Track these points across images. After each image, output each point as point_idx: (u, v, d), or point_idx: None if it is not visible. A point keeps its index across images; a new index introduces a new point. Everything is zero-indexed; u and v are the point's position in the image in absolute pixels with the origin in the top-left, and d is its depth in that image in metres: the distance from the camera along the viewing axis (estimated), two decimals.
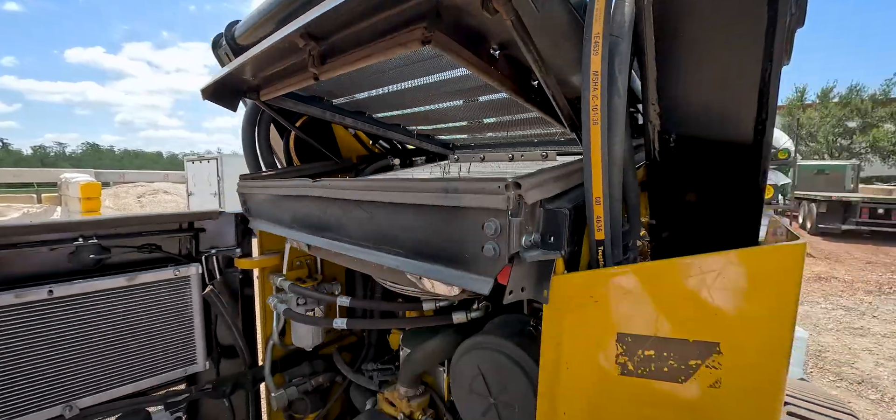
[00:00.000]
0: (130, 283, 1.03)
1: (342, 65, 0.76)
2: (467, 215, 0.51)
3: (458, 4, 0.48)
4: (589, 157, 0.46)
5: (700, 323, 0.43)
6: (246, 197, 1.12)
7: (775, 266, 0.40)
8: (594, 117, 0.45)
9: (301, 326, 1.23)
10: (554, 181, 0.53)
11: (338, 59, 0.75)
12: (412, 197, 0.58)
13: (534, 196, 0.48)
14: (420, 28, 0.55)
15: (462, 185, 0.50)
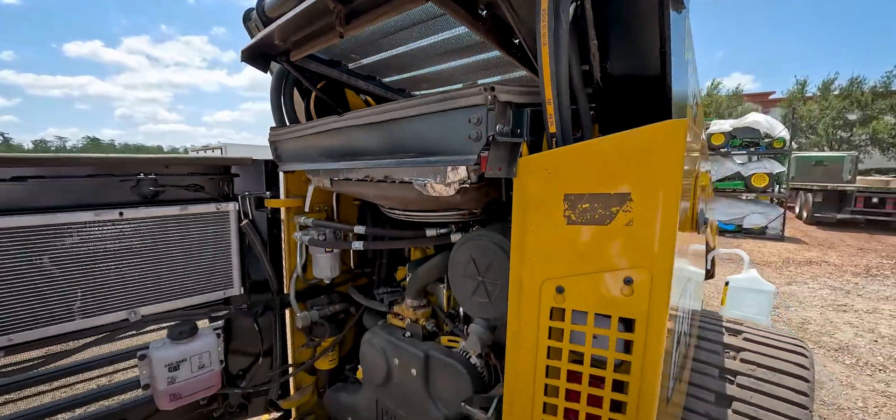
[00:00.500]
0: (182, 212, 1.23)
1: (364, 23, 0.95)
2: (458, 114, 0.72)
3: None
4: (541, 71, 0.66)
5: (618, 179, 0.63)
6: (276, 144, 1.32)
7: (664, 136, 0.59)
8: (543, 42, 0.65)
9: (321, 260, 1.44)
10: (520, 93, 0.73)
11: (361, 18, 0.95)
12: (419, 108, 0.79)
13: (504, 97, 0.69)
14: None
15: (454, 93, 0.70)
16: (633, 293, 0.64)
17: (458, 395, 1.03)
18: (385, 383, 1.23)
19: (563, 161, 0.67)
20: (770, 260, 7.51)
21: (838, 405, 2.87)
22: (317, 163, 1.14)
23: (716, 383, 1.40)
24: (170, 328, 1.24)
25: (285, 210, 1.44)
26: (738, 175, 10.32)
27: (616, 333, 0.66)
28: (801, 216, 13.78)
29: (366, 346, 1.27)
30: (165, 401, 1.20)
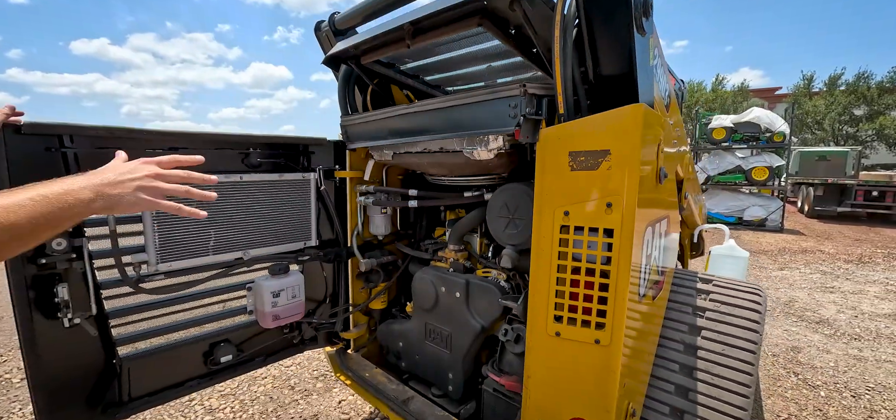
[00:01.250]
0: (279, 178, 1.64)
1: (426, 39, 1.34)
2: (501, 103, 1.11)
3: (497, 6, 1.07)
4: (555, 72, 1.04)
5: (601, 141, 1.01)
6: (346, 128, 1.72)
7: (628, 114, 0.97)
8: (556, 53, 1.03)
9: (377, 219, 1.84)
10: (541, 88, 1.12)
11: (424, 36, 1.34)
12: (474, 98, 1.18)
13: (532, 90, 1.08)
14: (477, 17, 1.13)
15: (498, 86, 1.08)
16: (612, 212, 1.03)
17: (491, 309, 1.43)
18: (433, 308, 1.63)
19: (568, 131, 1.06)
20: (766, 249, 7.81)
21: (813, 366, 3.24)
22: (384, 140, 1.54)
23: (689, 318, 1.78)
24: (270, 267, 1.64)
25: (350, 180, 1.84)
26: (739, 169, 10.59)
27: (602, 239, 1.05)
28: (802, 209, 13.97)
29: (418, 281, 1.67)
30: (269, 320, 1.60)
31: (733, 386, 1.57)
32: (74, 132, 1.21)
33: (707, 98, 25.12)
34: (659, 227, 1.38)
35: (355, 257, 1.88)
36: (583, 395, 1.15)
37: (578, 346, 1.13)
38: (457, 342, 1.58)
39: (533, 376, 1.22)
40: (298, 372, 2.99)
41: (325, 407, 2.56)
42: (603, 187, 1.04)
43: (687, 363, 1.64)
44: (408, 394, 1.59)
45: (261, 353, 1.77)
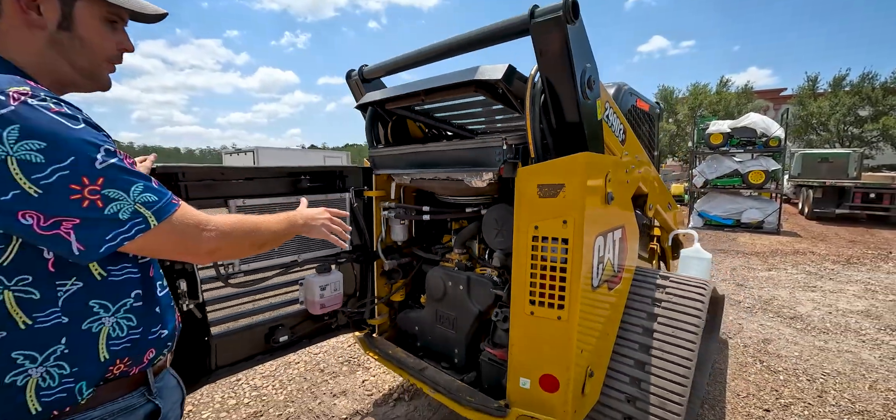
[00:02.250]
0: (323, 199, 2.12)
1: (436, 97, 1.82)
2: (491, 149, 1.59)
3: (490, 80, 1.54)
4: (527, 125, 1.51)
5: (559, 177, 1.46)
6: (373, 157, 2.20)
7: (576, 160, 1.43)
8: (527, 111, 1.50)
9: (396, 228, 2.32)
10: (517, 139, 1.59)
11: (435, 94, 1.81)
12: (471, 145, 1.66)
13: (510, 141, 1.55)
14: (473, 87, 1.61)
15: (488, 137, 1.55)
16: (567, 227, 1.49)
17: (486, 297, 1.89)
18: (442, 298, 2.10)
19: (536, 170, 1.52)
20: (759, 251, 8.13)
21: (779, 355, 3.64)
22: (402, 170, 2.02)
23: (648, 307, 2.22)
24: (317, 266, 2.12)
25: (375, 198, 2.33)
26: (737, 172, 10.88)
27: (560, 245, 1.51)
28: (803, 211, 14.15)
29: (430, 277, 2.14)
30: (317, 308, 2.08)
31: (678, 359, 2.01)
32: (185, 171, 1.70)
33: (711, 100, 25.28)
34: (612, 235, 1.84)
35: (380, 259, 2.36)
36: (550, 357, 1.61)
37: (546, 322, 1.59)
38: (460, 324, 2.05)
39: (516, 344, 1.68)
40: (325, 358, 3.47)
41: (351, 385, 3.04)
42: (560, 209, 1.50)
43: (643, 342, 2.09)
44: (423, 365, 2.06)
45: (307, 335, 2.25)
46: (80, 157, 0.66)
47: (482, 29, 1.59)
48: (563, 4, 1.33)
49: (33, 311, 0.69)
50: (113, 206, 0.68)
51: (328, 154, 17.54)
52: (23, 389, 0.68)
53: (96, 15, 0.80)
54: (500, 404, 1.70)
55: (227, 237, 0.83)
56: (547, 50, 1.43)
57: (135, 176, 0.72)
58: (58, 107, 0.67)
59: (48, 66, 0.78)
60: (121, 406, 0.79)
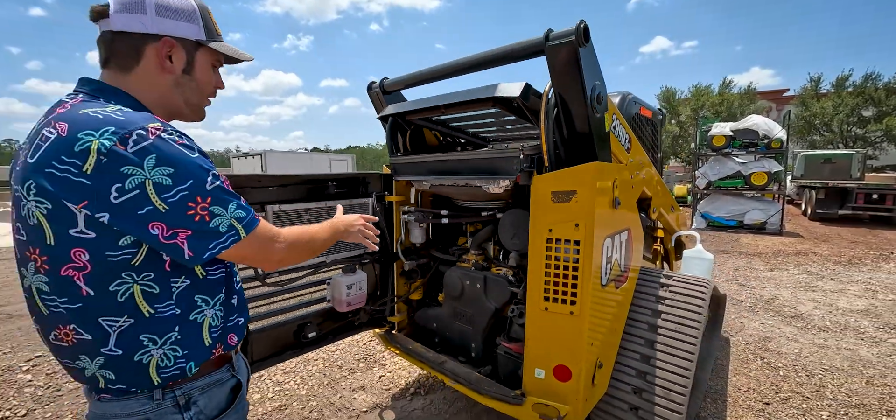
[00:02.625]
0: (349, 203, 2.28)
1: (455, 110, 1.97)
2: (509, 159, 1.73)
3: (508, 97, 1.69)
4: (541, 136, 1.66)
5: (571, 185, 1.61)
6: (395, 164, 2.36)
7: (587, 169, 1.58)
8: (542, 123, 1.65)
9: (415, 231, 2.47)
10: (533, 149, 1.74)
11: (453, 108, 1.96)
12: (491, 154, 1.80)
13: (527, 152, 1.70)
14: (491, 102, 1.76)
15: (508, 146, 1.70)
16: (578, 230, 1.64)
17: (502, 295, 2.04)
18: (459, 296, 2.25)
19: (550, 178, 1.67)
20: (762, 251, 8.23)
21: (779, 352, 3.77)
22: (422, 176, 2.17)
23: (652, 304, 2.36)
24: (343, 267, 2.27)
25: (396, 202, 2.48)
26: (739, 174, 10.97)
27: (572, 247, 1.66)
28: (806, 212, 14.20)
29: (448, 277, 2.30)
30: (343, 306, 2.23)
31: (681, 353, 2.15)
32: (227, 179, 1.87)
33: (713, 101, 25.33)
34: (619, 237, 1.98)
35: (400, 260, 2.51)
36: (563, 349, 1.76)
37: (559, 317, 1.74)
38: (477, 320, 2.20)
39: (531, 338, 1.83)
40: (342, 356, 3.63)
41: (368, 380, 3.19)
42: (572, 214, 1.65)
43: (648, 338, 2.23)
44: (442, 359, 2.21)
45: (332, 332, 2.40)
46: (196, 180, 0.80)
47: (500, 48, 1.74)
48: (577, 30, 1.48)
49: (154, 303, 0.84)
50: (216, 220, 0.83)
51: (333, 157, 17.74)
52: (147, 366, 0.84)
53: (208, 61, 0.99)
54: (516, 393, 1.84)
55: (292, 248, 0.98)
56: (560, 69, 1.59)
57: (231, 195, 0.86)
58: (181, 139, 0.82)
59: (166, 102, 0.95)
60: (216, 379, 0.96)
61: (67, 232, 0.76)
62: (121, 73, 0.89)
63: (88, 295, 0.79)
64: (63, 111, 0.80)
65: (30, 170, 0.75)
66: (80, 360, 0.84)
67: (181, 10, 0.91)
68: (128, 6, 0.86)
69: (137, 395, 0.86)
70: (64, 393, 3.20)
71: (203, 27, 0.95)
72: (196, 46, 0.95)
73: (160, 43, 0.89)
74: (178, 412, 0.88)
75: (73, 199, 0.74)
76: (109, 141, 0.73)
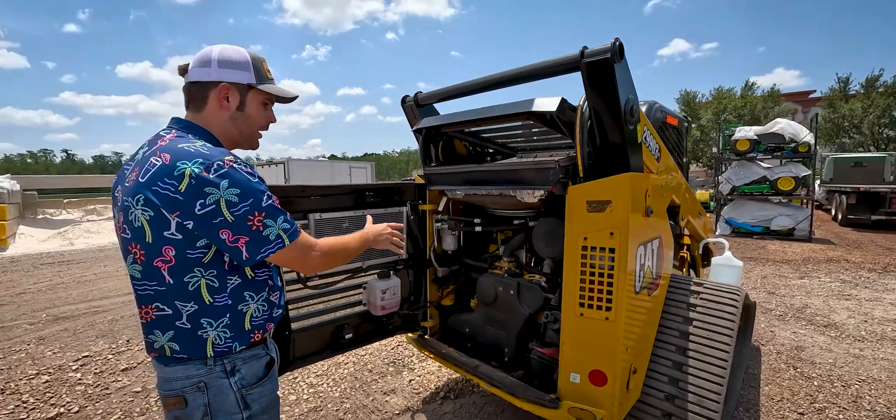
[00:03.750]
0: (384, 212, 2.38)
1: (488, 123, 2.06)
2: (545, 170, 1.81)
3: (543, 112, 1.77)
4: (576, 147, 1.72)
5: (606, 195, 1.66)
6: (429, 174, 2.46)
7: (620, 179, 1.64)
8: (577, 135, 1.71)
9: (447, 238, 2.56)
10: (567, 160, 1.80)
11: (486, 121, 2.05)
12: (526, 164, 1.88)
13: (562, 163, 1.77)
14: (526, 114, 1.84)
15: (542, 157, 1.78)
16: (613, 238, 1.69)
17: (536, 301, 2.10)
18: (493, 302, 2.32)
19: (585, 188, 1.73)
20: (791, 259, 8.02)
21: (813, 362, 3.69)
22: (459, 186, 2.26)
23: (683, 311, 2.38)
24: (379, 272, 2.37)
25: (429, 210, 2.58)
26: (765, 179, 10.72)
27: (607, 254, 1.71)
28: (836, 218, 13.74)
29: (482, 283, 2.37)
30: (378, 310, 2.33)
31: (715, 360, 2.16)
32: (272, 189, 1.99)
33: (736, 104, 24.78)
34: (651, 245, 2.02)
35: (432, 266, 2.60)
36: (598, 354, 1.80)
37: (595, 322, 1.79)
38: (510, 325, 2.26)
39: (566, 343, 1.88)
40: (372, 360, 3.73)
41: (399, 384, 3.28)
42: (607, 222, 1.71)
43: (680, 345, 2.25)
44: (476, 363, 2.27)
45: (367, 334, 2.50)
46: (255, 199, 1.04)
47: (535, 64, 1.82)
48: (612, 47, 1.55)
49: (214, 294, 1.07)
50: (267, 230, 1.06)
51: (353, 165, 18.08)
52: (205, 341, 1.07)
53: (258, 100, 1.22)
54: (552, 397, 1.90)
55: (326, 256, 1.20)
56: (596, 85, 1.65)
57: (280, 212, 1.09)
58: (246, 168, 1.05)
59: (227, 134, 1.20)
60: (255, 353, 1.18)
61: (162, 233, 1.00)
62: (196, 112, 1.16)
63: (169, 282, 1.03)
64: (163, 144, 1.05)
65: (140, 186, 1.00)
66: (154, 334, 1.07)
67: (237, 61, 1.16)
68: (200, 62, 1.14)
69: (194, 362, 1.08)
70: (112, 392, 3.39)
71: (254, 73, 1.19)
72: (247, 88, 1.19)
73: (219, 88, 1.14)
74: (226, 377, 1.10)
75: (169, 209, 0.99)
76: (198, 168, 0.98)
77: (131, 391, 3.36)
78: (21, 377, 3.62)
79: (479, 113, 2.00)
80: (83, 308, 5.52)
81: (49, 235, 11.29)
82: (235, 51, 1.17)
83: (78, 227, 12.02)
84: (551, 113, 1.75)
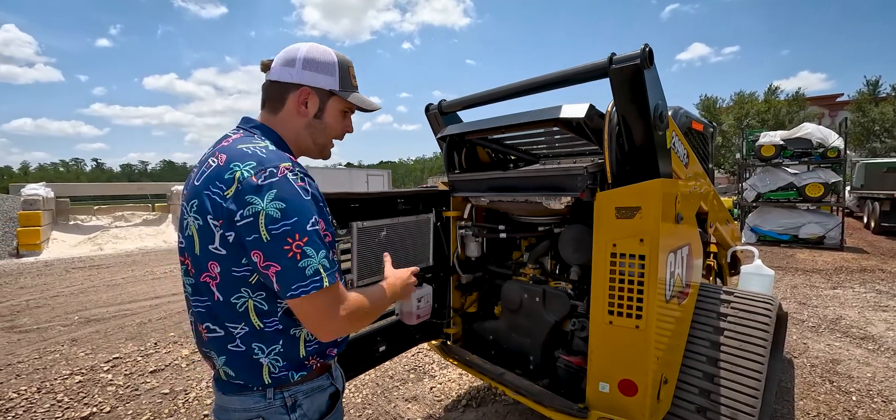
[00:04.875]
0: (415, 219, 2.40)
1: (513, 129, 2.06)
2: (573, 176, 1.80)
3: (570, 118, 1.77)
4: (605, 153, 1.72)
5: (635, 201, 1.65)
6: (453, 181, 2.47)
7: (650, 185, 1.62)
8: (606, 141, 1.71)
9: (471, 245, 2.56)
10: (595, 167, 1.80)
11: (511, 128, 2.06)
12: (554, 170, 1.88)
13: (591, 170, 1.76)
14: (553, 121, 1.84)
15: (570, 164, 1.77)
16: (643, 245, 1.67)
17: (562, 308, 2.09)
18: (518, 309, 2.31)
19: (614, 194, 1.72)
20: (822, 268, 7.73)
21: (850, 376, 3.54)
22: (485, 192, 2.27)
23: (713, 321, 2.32)
24: None
25: (453, 217, 2.59)
26: (792, 185, 10.39)
27: (637, 261, 1.69)
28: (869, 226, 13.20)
29: (506, 290, 2.36)
30: (413, 319, 2.30)
31: (748, 372, 2.10)
32: None
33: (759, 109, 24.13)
34: (681, 252, 1.99)
35: (457, 273, 2.61)
36: (628, 362, 1.78)
37: (625, 330, 1.76)
38: (536, 333, 2.25)
39: (595, 351, 1.86)
40: (393, 367, 3.74)
41: (420, 391, 3.28)
42: (637, 229, 1.69)
43: (711, 355, 2.19)
44: (501, 370, 2.26)
45: (397, 344, 2.51)
46: (300, 218, 0.86)
47: (563, 71, 1.83)
48: (642, 53, 1.54)
49: (263, 318, 0.94)
50: (305, 260, 0.86)
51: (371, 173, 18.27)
52: (261, 367, 0.96)
53: (338, 108, 1.11)
54: (580, 407, 1.87)
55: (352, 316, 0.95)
56: (625, 91, 1.65)
57: (324, 243, 0.90)
58: (302, 181, 0.90)
59: (299, 140, 1.09)
60: (318, 384, 1.04)
61: (208, 246, 0.89)
62: (271, 113, 1.06)
63: (218, 300, 0.92)
64: (226, 144, 0.95)
65: (195, 190, 0.91)
66: (212, 354, 0.98)
67: (322, 63, 1.05)
68: (284, 61, 1.04)
69: (253, 392, 0.96)
70: (141, 393, 3.49)
71: (339, 79, 1.07)
72: (329, 95, 1.07)
73: (299, 91, 1.04)
74: (286, 413, 0.97)
75: (216, 217, 0.87)
76: (248, 172, 0.86)
77: (160, 392, 3.45)
78: (56, 377, 3.76)
79: (506, 120, 2.01)
80: (113, 311, 5.71)
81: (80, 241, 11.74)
82: (323, 52, 1.05)
83: (107, 233, 12.46)
84: (579, 120, 1.74)
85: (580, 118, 1.72)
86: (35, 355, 4.25)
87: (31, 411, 3.20)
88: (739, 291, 2.48)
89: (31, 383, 3.64)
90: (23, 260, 9.86)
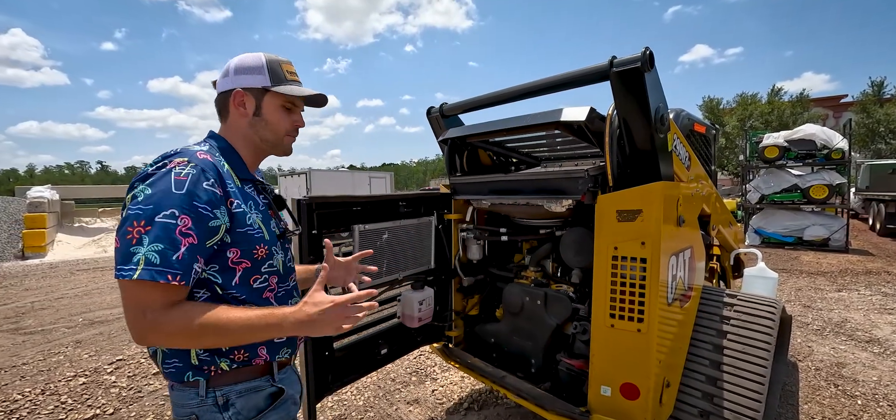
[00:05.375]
0: (417, 222, 2.40)
1: (515, 132, 2.07)
2: (574, 180, 1.80)
3: (571, 121, 1.77)
4: (606, 157, 1.71)
5: (636, 204, 1.64)
6: (455, 184, 2.48)
7: (651, 188, 1.61)
8: (606, 145, 1.70)
9: (473, 247, 2.56)
10: (596, 169, 1.80)
11: (514, 131, 2.06)
12: (555, 174, 1.88)
13: (592, 172, 1.76)
14: (554, 124, 1.84)
15: (570, 167, 1.77)
16: (645, 248, 1.67)
17: (564, 311, 2.08)
18: (519, 312, 2.31)
19: (615, 197, 1.72)
20: (826, 270, 7.67)
21: (855, 379, 3.51)
22: (486, 195, 2.27)
23: (716, 324, 2.31)
24: (412, 283, 2.38)
25: (454, 220, 2.59)
26: (796, 187, 10.33)
27: (639, 264, 1.69)
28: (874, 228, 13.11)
29: (508, 293, 2.36)
30: (415, 322, 2.33)
31: (751, 376, 2.09)
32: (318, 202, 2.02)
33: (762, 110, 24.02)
34: (683, 255, 1.98)
35: (458, 276, 2.61)
36: (630, 366, 1.77)
37: (626, 334, 1.76)
38: (537, 336, 2.24)
39: (596, 355, 1.85)
40: (395, 369, 3.74)
41: (422, 394, 3.28)
42: (638, 232, 1.68)
43: (714, 359, 2.18)
44: (502, 374, 2.26)
45: (398, 347, 2.51)
46: (156, 206, 0.86)
47: (564, 74, 1.83)
48: (642, 56, 1.54)
49: None
50: (136, 246, 0.83)
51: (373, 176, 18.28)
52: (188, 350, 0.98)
53: (275, 103, 1.12)
54: (582, 410, 1.87)
55: (165, 330, 0.87)
56: (626, 94, 1.65)
57: (171, 242, 0.85)
58: (184, 174, 0.91)
59: (249, 141, 1.12)
60: (254, 385, 1.05)
61: None
62: (223, 122, 1.14)
63: None
64: None
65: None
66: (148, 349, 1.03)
67: (251, 66, 1.10)
68: (222, 74, 1.12)
69: (187, 387, 0.99)
70: (144, 395, 3.50)
71: (269, 76, 1.09)
72: (263, 92, 1.10)
73: (233, 95, 1.09)
74: (219, 411, 0.99)
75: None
76: (148, 165, 0.95)
77: (162, 395, 3.46)
78: (60, 379, 3.78)
79: (507, 123, 2.02)
80: (117, 313, 5.74)
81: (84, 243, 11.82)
82: (251, 56, 1.11)
83: (111, 234, 12.54)
84: (580, 122, 1.75)
85: (581, 121, 1.72)
86: (39, 357, 4.27)
87: (36, 413, 3.22)
88: (743, 294, 2.47)
89: (35, 385, 3.67)
90: (28, 262, 9.93)
